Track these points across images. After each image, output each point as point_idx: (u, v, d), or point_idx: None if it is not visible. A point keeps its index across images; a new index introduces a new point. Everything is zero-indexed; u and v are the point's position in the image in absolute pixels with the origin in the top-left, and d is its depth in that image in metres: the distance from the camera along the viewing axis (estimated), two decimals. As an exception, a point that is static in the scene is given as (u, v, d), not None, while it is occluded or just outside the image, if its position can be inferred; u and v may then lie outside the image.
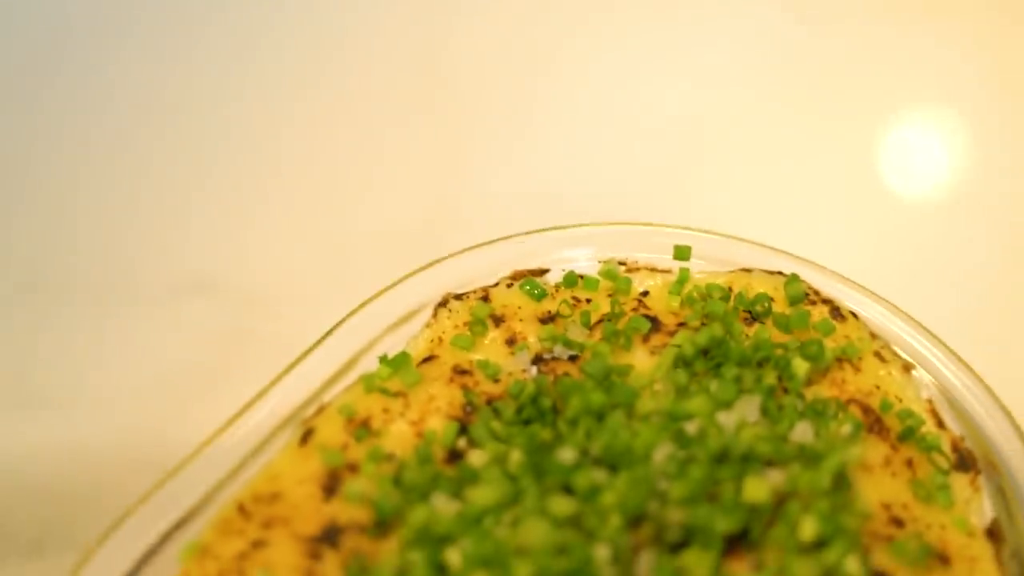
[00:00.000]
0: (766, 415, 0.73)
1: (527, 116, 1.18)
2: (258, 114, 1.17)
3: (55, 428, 0.91)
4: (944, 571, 0.67)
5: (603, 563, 0.64)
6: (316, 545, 0.68)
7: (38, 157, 1.13)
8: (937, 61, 1.23)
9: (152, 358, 0.96)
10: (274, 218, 1.09)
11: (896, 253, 1.03)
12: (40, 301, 1.01)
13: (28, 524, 0.84)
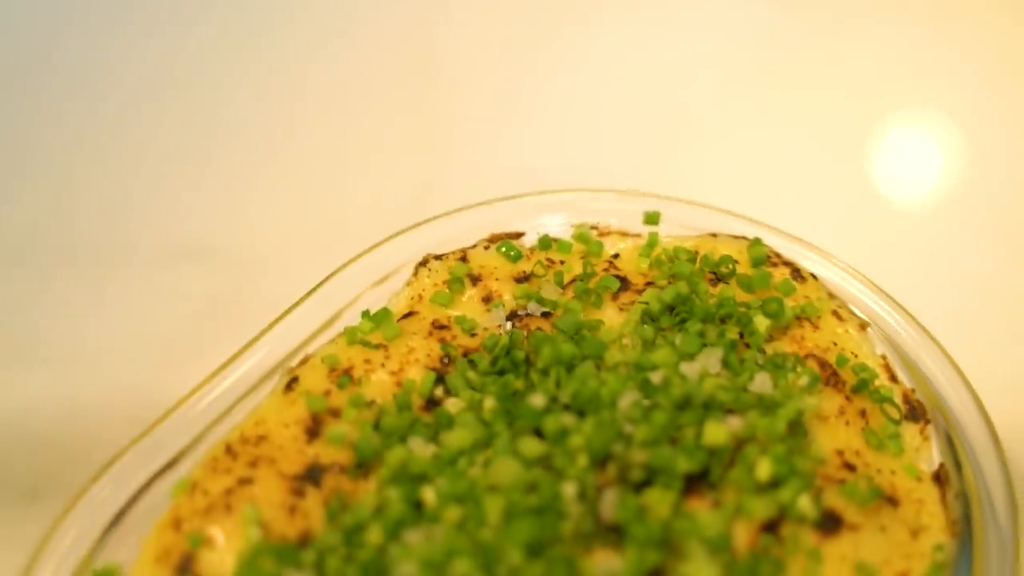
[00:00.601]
0: (727, 367, 0.75)
1: (512, 94, 1.21)
2: (253, 89, 1.20)
3: (52, 383, 0.93)
4: (892, 512, 0.70)
5: (570, 500, 0.67)
6: (299, 483, 0.71)
7: (40, 128, 1.15)
8: (904, 38, 1.26)
9: (146, 319, 0.98)
10: (266, 188, 1.11)
11: (856, 220, 1.07)
12: (39, 264, 1.04)
13: (24, 472, 0.86)
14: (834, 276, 0.83)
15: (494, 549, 0.65)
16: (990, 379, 0.79)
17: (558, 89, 1.21)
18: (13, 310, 1.00)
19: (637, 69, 1.23)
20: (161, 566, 0.67)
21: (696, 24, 1.27)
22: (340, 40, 1.24)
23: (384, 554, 0.66)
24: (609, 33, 1.26)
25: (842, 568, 0.66)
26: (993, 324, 0.99)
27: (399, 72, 1.21)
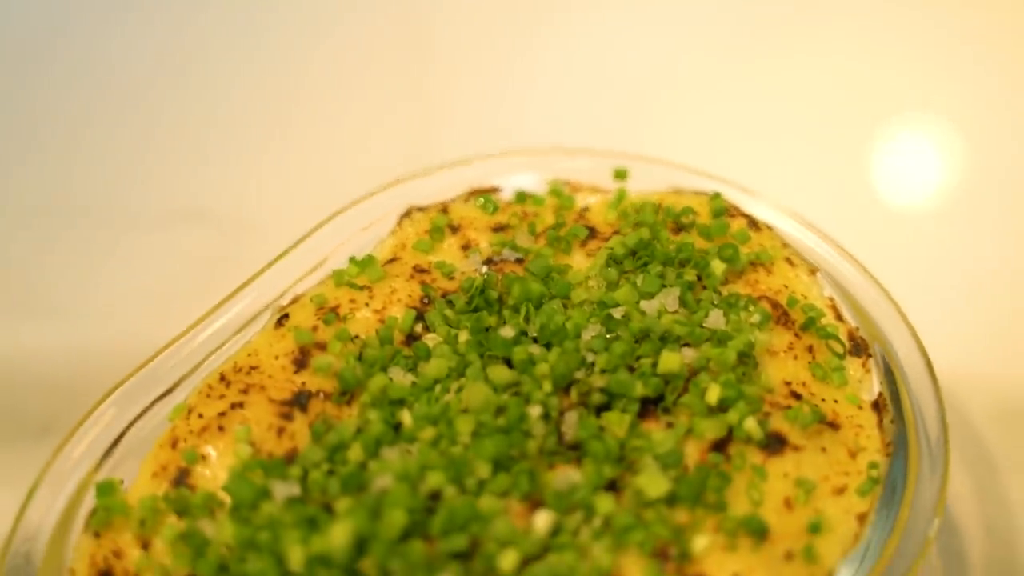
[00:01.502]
0: (684, 305, 0.79)
1: (500, 63, 1.25)
2: (251, 59, 1.24)
3: (61, 333, 0.98)
4: (833, 435, 0.74)
5: (534, 421, 0.71)
6: (287, 408, 0.75)
7: (51, 100, 1.20)
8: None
9: (147, 275, 1.02)
10: (262, 154, 1.16)
11: (817, 178, 1.11)
12: (49, 224, 1.08)
13: (36, 412, 0.90)
14: (788, 227, 0.87)
15: (464, 464, 0.69)
16: (927, 317, 0.83)
17: (545, 57, 1.25)
18: (25, 266, 1.04)
19: (625, 40, 1.27)
20: (158, 480, 0.71)
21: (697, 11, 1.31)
22: (335, 9, 1.28)
23: (364, 469, 0.70)
24: (609, 13, 1.29)
25: (784, 483, 0.71)
26: (931, 268, 1.03)
27: (391, 41, 1.25)
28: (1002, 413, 0.91)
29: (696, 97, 1.21)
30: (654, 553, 0.66)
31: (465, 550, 0.66)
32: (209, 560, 0.66)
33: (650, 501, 0.68)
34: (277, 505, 0.68)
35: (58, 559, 0.68)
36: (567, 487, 0.68)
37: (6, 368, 0.96)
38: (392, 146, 1.13)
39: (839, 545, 0.68)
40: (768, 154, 1.14)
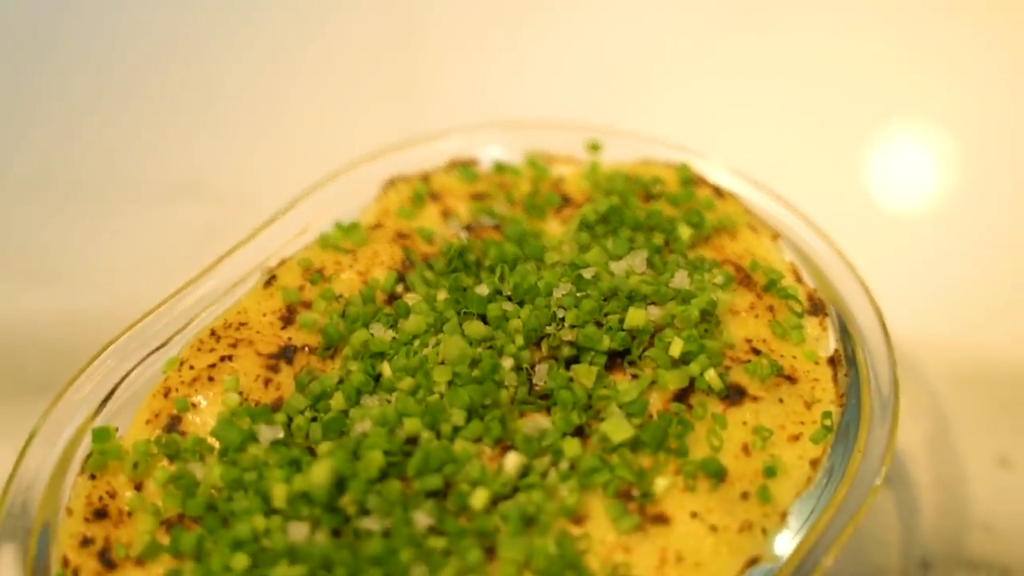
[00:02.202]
0: (651, 267, 0.82)
1: (488, 39, 1.28)
2: (248, 38, 1.26)
3: (61, 297, 1.00)
4: (790, 387, 0.77)
5: (507, 372, 0.74)
6: (274, 361, 0.78)
7: (54, 75, 1.22)
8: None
9: (145, 245, 1.05)
10: (258, 129, 1.18)
11: (782, 146, 1.14)
12: (51, 197, 1.11)
13: (37, 371, 0.93)
14: (752, 195, 0.90)
15: (440, 411, 0.72)
16: (889, 287, 0.86)
17: (534, 33, 1.27)
18: (28, 235, 1.07)
19: (613, 20, 1.29)
20: (151, 427, 0.74)
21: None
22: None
23: (345, 416, 0.73)
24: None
25: (743, 430, 0.73)
26: (893, 240, 1.06)
27: (382, 19, 1.27)
28: (957, 376, 0.94)
29: (681, 75, 1.24)
30: (618, 494, 0.69)
31: (439, 489, 0.68)
32: (198, 500, 0.69)
33: (615, 446, 0.70)
34: (262, 448, 0.71)
35: (56, 499, 0.71)
36: (537, 432, 0.71)
37: (8, 330, 0.98)
38: (382, 121, 1.15)
39: (793, 487, 0.71)
40: (744, 128, 1.17)
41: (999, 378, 0.94)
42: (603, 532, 0.67)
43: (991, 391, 0.93)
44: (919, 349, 0.95)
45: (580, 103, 1.18)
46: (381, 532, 0.66)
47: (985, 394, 0.93)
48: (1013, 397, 0.93)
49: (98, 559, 0.67)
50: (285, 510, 0.67)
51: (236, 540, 0.66)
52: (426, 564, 0.65)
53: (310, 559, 0.64)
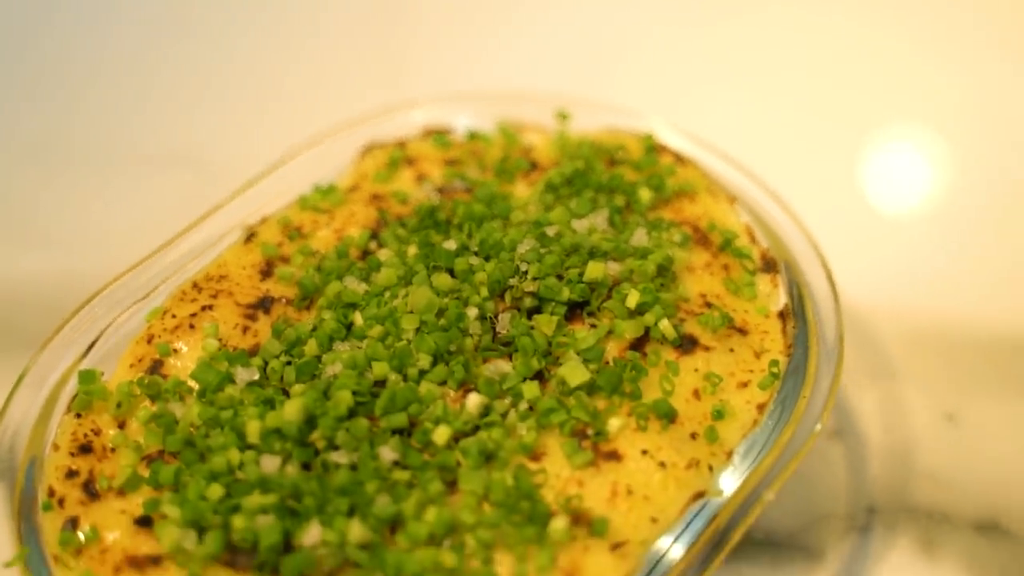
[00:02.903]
0: (612, 226, 0.85)
1: (471, 11, 1.30)
2: (233, 12, 1.29)
3: (57, 260, 1.03)
4: (741, 338, 0.80)
5: (472, 320, 0.77)
6: (252, 310, 0.81)
7: (53, 47, 1.25)
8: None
9: (135, 211, 1.07)
10: (246, 104, 1.21)
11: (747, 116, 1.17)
12: (49, 165, 1.14)
13: (34, 327, 0.94)
14: (712, 161, 0.93)
15: (407, 355, 0.74)
16: (844, 253, 0.89)
17: (518, 7, 1.30)
18: (27, 200, 1.09)
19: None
20: (135, 370, 0.77)
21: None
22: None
23: (318, 362, 0.76)
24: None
25: (694, 377, 0.76)
26: (840, 196, 1.09)
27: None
28: (908, 338, 0.97)
29: (662, 53, 1.26)
30: (573, 433, 0.72)
31: (404, 427, 0.71)
32: (177, 436, 0.72)
33: (571, 389, 0.73)
34: (238, 389, 0.73)
35: (42, 436, 0.73)
36: (498, 376, 0.74)
37: (6, 289, 1.01)
38: (366, 95, 1.17)
39: (740, 429, 0.74)
40: (714, 102, 1.20)
41: (948, 340, 0.97)
42: (558, 467, 0.70)
43: (940, 352, 0.96)
44: (874, 312, 0.98)
45: (564, 78, 1.21)
46: (348, 465, 0.69)
47: (935, 355, 0.96)
48: (961, 357, 0.95)
49: (82, 489, 0.70)
50: (258, 445, 0.69)
51: (212, 472, 0.69)
52: (390, 495, 0.68)
53: (281, 489, 0.67)
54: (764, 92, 1.24)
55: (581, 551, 0.67)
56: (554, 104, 0.97)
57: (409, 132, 0.96)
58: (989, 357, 0.95)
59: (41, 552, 0.67)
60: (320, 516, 0.66)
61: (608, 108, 0.96)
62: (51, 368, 0.76)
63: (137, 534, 0.67)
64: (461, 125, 0.98)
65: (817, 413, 0.74)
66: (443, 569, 0.65)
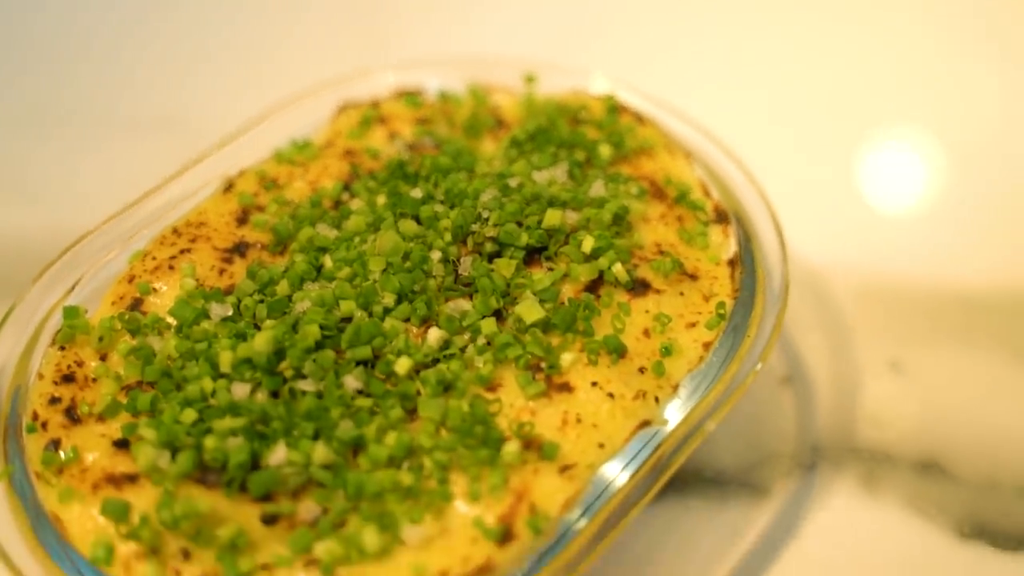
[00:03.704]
0: (572, 179, 0.89)
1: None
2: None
3: (47, 216, 1.06)
4: (692, 283, 0.83)
5: (435, 263, 0.81)
6: (229, 254, 0.84)
7: (44, 21, 1.29)
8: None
9: (124, 172, 1.10)
10: (230, 69, 1.25)
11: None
12: (41, 128, 1.17)
13: (20, 276, 0.98)
14: (671, 120, 0.96)
15: (373, 294, 0.78)
16: (789, 201, 0.93)
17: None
18: (20, 160, 1.13)
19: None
20: (116, 308, 0.80)
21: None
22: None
23: (289, 301, 0.79)
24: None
25: (645, 317, 0.80)
26: (790, 149, 1.13)
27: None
28: (857, 292, 1.01)
29: (637, 22, 1.30)
30: (527, 366, 0.75)
31: (368, 359, 0.75)
32: (155, 367, 0.75)
33: (527, 326, 0.77)
34: (213, 324, 0.77)
35: (27, 367, 0.77)
36: (458, 313, 0.78)
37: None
38: (345, 60, 1.19)
39: (686, 365, 0.78)
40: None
41: (895, 294, 1.01)
42: (512, 398, 0.74)
43: (888, 306, 1.00)
44: (827, 270, 1.02)
45: (539, 46, 1.24)
46: (314, 393, 0.73)
47: (882, 309, 1.00)
48: (907, 311, 0.99)
49: (64, 415, 0.74)
50: (230, 374, 0.73)
51: (186, 399, 0.72)
52: (353, 420, 0.72)
53: (250, 414, 0.71)
54: (731, 59, 1.28)
55: (531, 473, 0.70)
56: (523, 68, 1.00)
57: (383, 93, 0.99)
58: (933, 311, 0.99)
59: (24, 470, 0.71)
60: (286, 439, 0.70)
61: (575, 71, 1.00)
62: (37, 305, 0.80)
63: (115, 455, 0.71)
64: (433, 87, 1.01)
65: (760, 352, 0.77)
66: (401, 488, 0.69)
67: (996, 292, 1.01)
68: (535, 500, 0.69)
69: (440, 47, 1.13)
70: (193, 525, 0.67)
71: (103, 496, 0.68)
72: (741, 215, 0.88)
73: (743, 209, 0.89)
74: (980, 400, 0.92)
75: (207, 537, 0.67)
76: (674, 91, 1.02)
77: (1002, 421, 0.90)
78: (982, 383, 0.93)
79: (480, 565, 0.66)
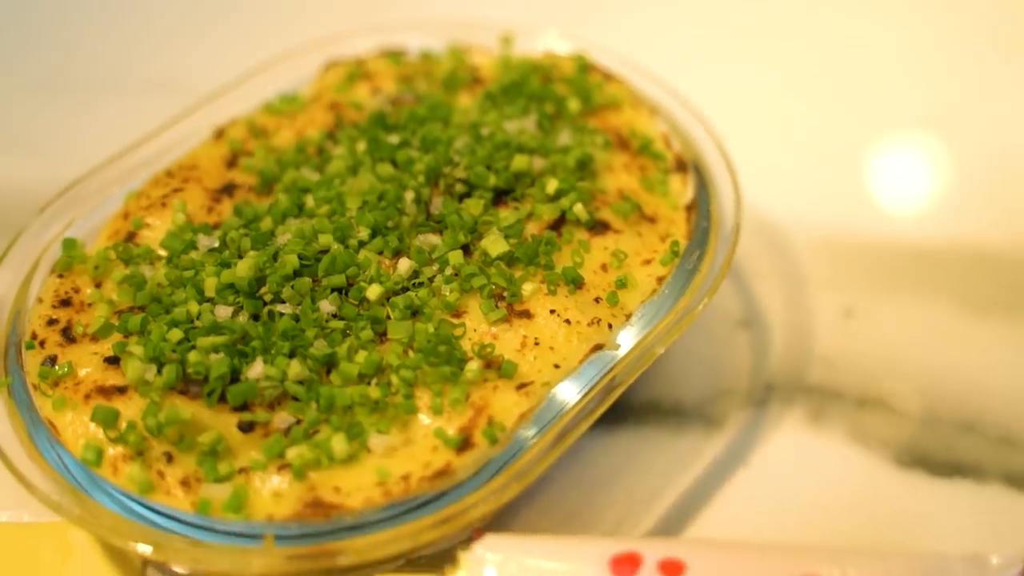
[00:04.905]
0: (541, 129, 0.94)
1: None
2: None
3: (50, 168, 1.11)
4: (650, 226, 0.88)
5: (408, 202, 0.86)
6: (218, 194, 0.89)
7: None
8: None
9: (122, 129, 1.14)
10: (225, 34, 1.30)
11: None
12: (46, 88, 1.23)
13: (23, 221, 1.04)
14: (638, 78, 1.01)
15: (349, 228, 0.83)
16: (763, 169, 0.98)
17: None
18: (26, 117, 1.19)
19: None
20: (112, 239, 0.86)
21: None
22: None
23: (272, 235, 0.85)
24: None
25: (603, 254, 0.85)
26: (764, 122, 1.18)
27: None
28: (815, 245, 1.05)
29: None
30: (491, 295, 0.80)
31: (343, 286, 0.80)
32: (145, 293, 0.80)
33: (492, 259, 0.82)
34: (200, 254, 0.83)
35: (27, 293, 0.82)
36: (428, 247, 0.83)
37: (6, 192, 1.10)
38: (337, 22, 1.24)
39: (640, 296, 0.83)
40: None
41: (851, 248, 1.06)
42: (476, 323, 0.79)
43: (843, 258, 1.04)
44: (785, 221, 1.07)
45: (527, 11, 1.28)
46: (292, 316, 0.78)
47: (838, 261, 1.04)
48: (861, 262, 1.04)
49: (61, 334, 0.79)
50: (214, 298, 0.78)
51: (173, 320, 0.77)
52: (327, 340, 0.77)
53: (232, 333, 0.76)
54: (705, 26, 1.33)
55: (491, 390, 0.75)
56: (501, 31, 1.05)
57: (368, 53, 1.04)
58: (887, 264, 1.04)
59: (23, 382, 0.76)
60: (264, 356, 0.75)
61: (552, 35, 1.05)
62: (38, 238, 0.85)
63: (106, 370, 0.76)
64: (415, 47, 1.06)
65: (709, 287, 0.82)
66: (369, 402, 0.74)
67: (946, 247, 1.06)
68: (493, 413, 0.74)
69: (424, 12, 1.17)
70: (176, 431, 0.72)
71: (94, 404, 0.73)
72: (700, 165, 0.93)
73: (702, 160, 0.93)
74: (926, 344, 0.96)
75: (189, 443, 0.72)
76: (650, 54, 1.06)
77: (945, 362, 0.94)
78: (929, 329, 0.98)
79: (439, 469, 0.71)
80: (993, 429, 0.89)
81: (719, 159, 0.93)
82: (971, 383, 0.93)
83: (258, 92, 0.99)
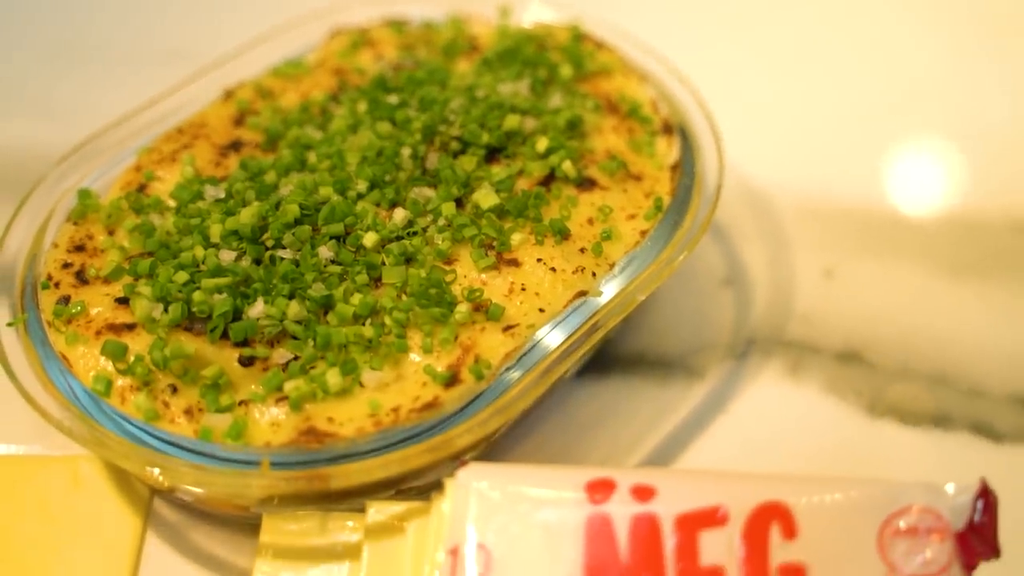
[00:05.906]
0: (534, 92, 0.97)
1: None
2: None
3: (67, 132, 1.14)
4: (636, 183, 0.91)
5: (405, 158, 0.89)
6: (225, 150, 0.93)
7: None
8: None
9: (135, 97, 1.18)
10: (236, 5, 1.34)
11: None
12: (63, 57, 1.27)
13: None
14: (628, 47, 1.05)
15: (348, 180, 0.87)
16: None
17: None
18: (45, 84, 1.23)
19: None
20: (124, 190, 0.89)
21: None
22: None
23: (275, 188, 0.88)
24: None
25: (590, 208, 0.88)
26: (751, 91, 1.21)
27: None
28: (799, 209, 1.09)
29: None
30: (481, 244, 0.84)
31: (341, 234, 0.83)
32: (155, 239, 0.84)
33: (483, 211, 0.85)
34: (207, 203, 0.86)
35: (43, 239, 0.86)
36: (423, 199, 0.86)
37: (25, 154, 1.14)
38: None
39: (623, 248, 0.86)
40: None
41: (833, 211, 1.09)
42: (466, 270, 0.82)
43: (826, 221, 1.07)
44: (770, 187, 1.10)
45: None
46: (292, 260, 0.81)
47: (821, 224, 1.07)
48: (843, 227, 1.07)
49: (74, 276, 0.83)
50: (219, 244, 0.82)
51: (180, 264, 0.81)
52: (324, 283, 0.80)
53: (234, 275, 0.79)
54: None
55: (479, 331, 0.79)
56: (502, 3, 1.08)
57: (372, 22, 1.08)
58: (867, 228, 1.07)
59: (38, 319, 0.80)
60: (265, 297, 0.79)
61: (552, 4, 1.08)
62: (54, 188, 0.89)
63: (117, 309, 0.80)
64: (417, 16, 1.09)
65: (690, 240, 0.86)
66: (363, 341, 0.77)
67: (924, 213, 1.09)
68: (480, 352, 0.77)
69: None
70: (180, 365, 0.75)
71: (104, 339, 0.77)
72: (687, 129, 0.96)
73: (689, 125, 0.97)
74: (902, 303, 0.99)
75: (192, 376, 0.75)
76: (644, 26, 1.09)
77: (920, 320, 0.97)
78: (906, 289, 1.01)
79: (427, 402, 0.74)
80: (963, 381, 0.92)
81: (705, 125, 0.96)
82: (944, 339, 0.95)
83: (266, 58, 1.03)
